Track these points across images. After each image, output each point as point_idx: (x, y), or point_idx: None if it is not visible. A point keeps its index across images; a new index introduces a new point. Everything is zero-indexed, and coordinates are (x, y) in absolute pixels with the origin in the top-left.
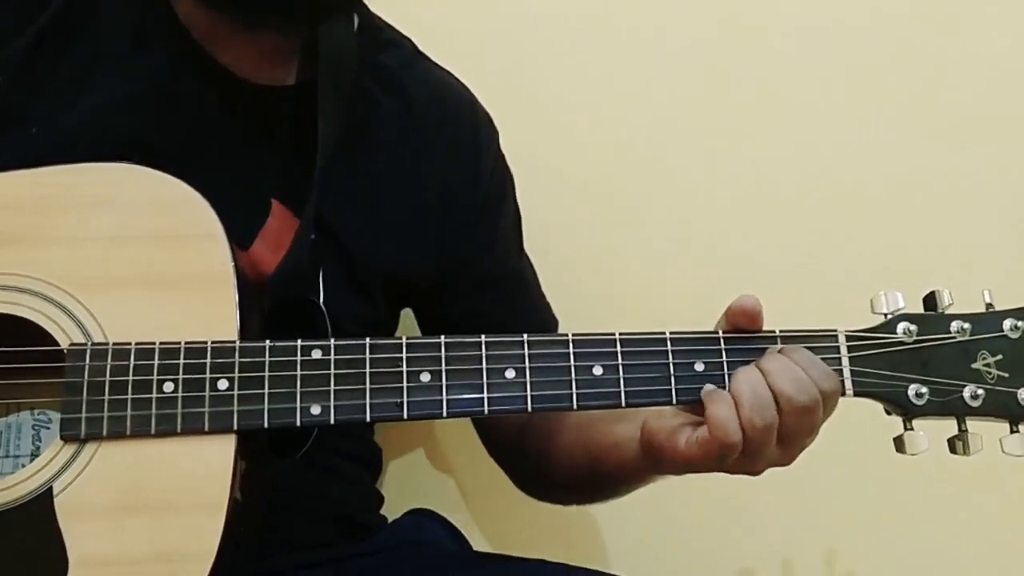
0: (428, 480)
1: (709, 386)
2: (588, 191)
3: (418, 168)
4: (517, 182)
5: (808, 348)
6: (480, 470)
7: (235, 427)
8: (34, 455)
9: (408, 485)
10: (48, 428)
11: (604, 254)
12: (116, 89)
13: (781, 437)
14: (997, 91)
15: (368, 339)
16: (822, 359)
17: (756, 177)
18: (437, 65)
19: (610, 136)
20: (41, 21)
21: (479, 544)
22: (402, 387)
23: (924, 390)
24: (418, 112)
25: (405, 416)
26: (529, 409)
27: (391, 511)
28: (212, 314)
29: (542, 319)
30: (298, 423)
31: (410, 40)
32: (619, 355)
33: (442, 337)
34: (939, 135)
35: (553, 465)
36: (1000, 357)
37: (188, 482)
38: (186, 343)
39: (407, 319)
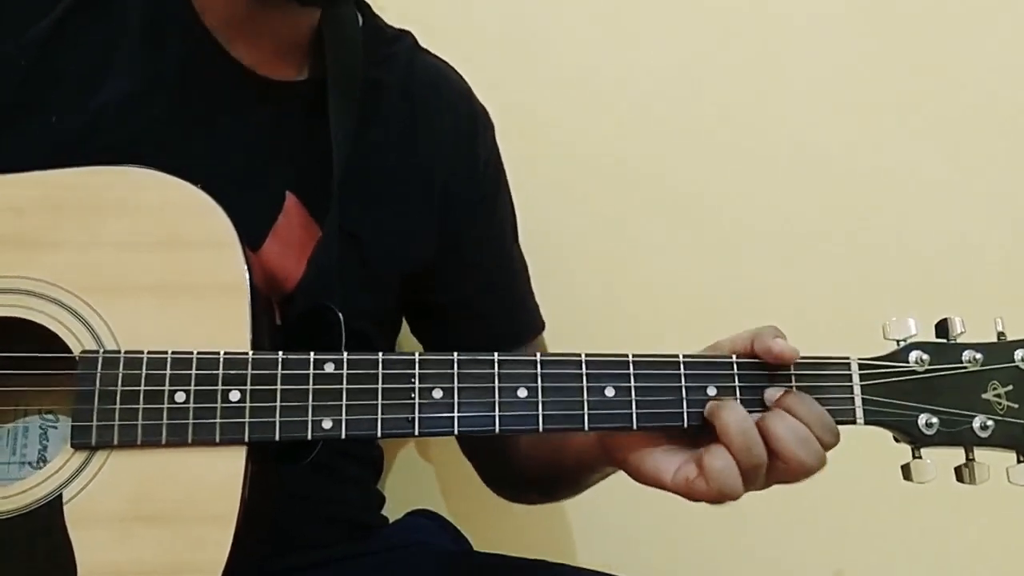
0: (429, 481)
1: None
2: (595, 201)
3: (421, 157)
4: (525, 194)
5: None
6: None
7: (247, 439)
8: (41, 455)
9: (409, 486)
10: (55, 428)
11: (610, 266)
12: (130, 82)
13: (777, 479)
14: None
15: (381, 354)
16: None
17: (768, 198)
18: (435, 56)
19: (619, 151)
20: (58, 11)
21: (479, 544)
22: (414, 403)
23: (934, 420)
24: (418, 101)
25: (416, 432)
26: (540, 429)
27: (392, 511)
28: (225, 324)
29: (528, 312)
30: (309, 436)
31: (410, 33)
32: (631, 377)
33: (455, 354)
34: (958, 161)
35: (518, 459)
36: (1011, 388)
37: (198, 493)
38: (199, 353)
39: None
